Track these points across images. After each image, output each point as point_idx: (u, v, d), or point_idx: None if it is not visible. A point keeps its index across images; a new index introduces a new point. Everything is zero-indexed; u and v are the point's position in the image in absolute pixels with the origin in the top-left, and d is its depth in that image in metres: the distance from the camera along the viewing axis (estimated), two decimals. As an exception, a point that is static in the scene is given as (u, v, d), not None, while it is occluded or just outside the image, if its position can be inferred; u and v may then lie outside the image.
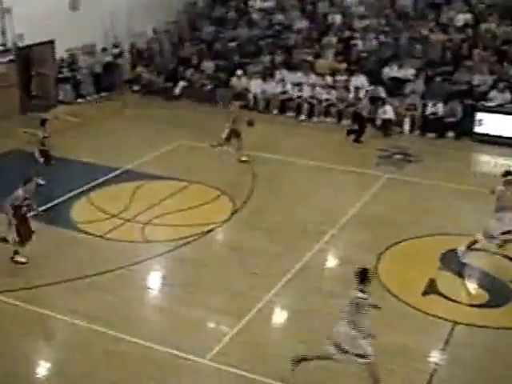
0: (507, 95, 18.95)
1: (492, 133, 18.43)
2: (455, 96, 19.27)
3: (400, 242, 12.61)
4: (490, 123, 18.57)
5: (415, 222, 13.45)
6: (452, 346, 9.74)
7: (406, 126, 19.43)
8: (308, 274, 11.60)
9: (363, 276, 8.12)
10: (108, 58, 23.46)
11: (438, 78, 19.87)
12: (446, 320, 10.26)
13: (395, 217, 13.69)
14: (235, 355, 9.35)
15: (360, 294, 8.05)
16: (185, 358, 9.26)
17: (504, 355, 9.39)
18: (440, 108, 19.10)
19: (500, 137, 18.29)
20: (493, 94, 19.07)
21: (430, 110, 19.21)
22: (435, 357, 9.54)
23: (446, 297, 10.90)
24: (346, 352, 8.13)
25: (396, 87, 20.21)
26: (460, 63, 20.47)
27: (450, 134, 19.01)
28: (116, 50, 23.90)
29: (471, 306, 10.79)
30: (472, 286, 11.46)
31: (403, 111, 19.50)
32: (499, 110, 18.71)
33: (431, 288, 11.11)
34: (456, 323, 10.20)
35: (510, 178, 11.56)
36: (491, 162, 17.62)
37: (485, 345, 9.73)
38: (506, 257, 11.96)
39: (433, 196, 14.84)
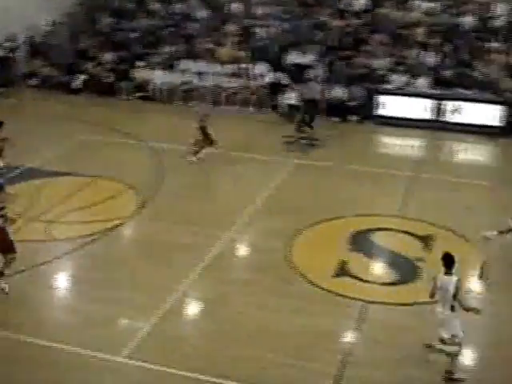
0: (405, 78, 19.50)
1: (393, 115, 18.91)
2: (356, 80, 19.65)
3: (310, 226, 12.73)
4: (390, 105, 19.05)
5: (324, 206, 13.63)
6: (365, 325, 9.92)
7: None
8: (220, 263, 11.53)
9: (448, 260, 8.34)
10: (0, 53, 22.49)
11: (339, 63, 20.19)
12: (358, 300, 10.44)
13: (304, 201, 13.83)
14: (150, 350, 9.17)
15: (456, 278, 8.28)
16: (98, 358, 8.99)
17: (415, 331, 9.61)
18: (342, 92, 19.42)
19: (401, 118, 18.78)
20: (392, 76, 19.59)
21: (332, 94, 19.48)
22: (349, 337, 9.69)
23: (357, 277, 11.08)
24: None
25: (298, 73, 20.36)
26: (359, 48, 20.88)
27: (354, 117, 19.38)
28: (9, 44, 22.89)
29: (382, 284, 11.02)
30: (381, 266, 11.72)
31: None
32: (399, 92, 19.24)
33: (342, 270, 11.27)
34: (368, 302, 10.39)
35: None
36: (394, 144, 18.17)
37: (397, 322, 9.93)
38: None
39: (339, 179, 15.08)
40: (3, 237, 10.49)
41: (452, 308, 8.30)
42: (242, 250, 12.58)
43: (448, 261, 8.38)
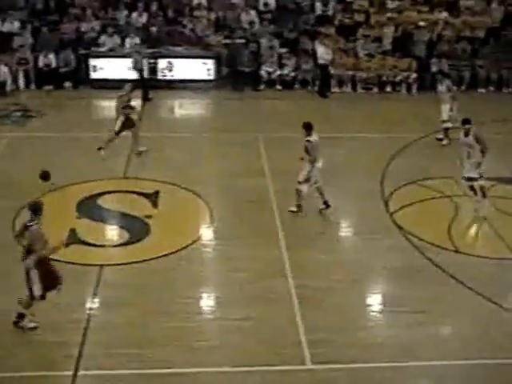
0: (116, 39, 19.39)
1: (108, 77, 18.68)
2: (66, 45, 19.07)
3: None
4: (104, 68, 18.86)
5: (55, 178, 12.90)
6: (103, 288, 9.88)
7: (21, 81, 18.69)
8: None
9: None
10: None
11: (45, 29, 19.39)
12: (94, 265, 10.35)
13: (24, 176, 13.09)
14: None
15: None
16: None
17: (152, 288, 9.84)
18: (52, 59, 18.73)
19: (115, 80, 18.59)
20: (102, 39, 19.34)
21: (42, 62, 18.69)
22: (89, 303, 9.57)
23: (88, 243, 10.95)
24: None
25: (3, 42, 19.16)
26: (66, 12, 20.23)
27: (67, 83, 18.85)
28: None
29: (114, 246, 11.06)
30: (112, 228, 11.71)
31: (15, 66, 18.65)
32: (111, 54, 19.07)
33: (72, 238, 11.02)
34: (103, 266, 10.35)
35: None
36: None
37: (134, 281, 10.04)
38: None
39: (60, 148, 14.59)
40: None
41: None
42: None
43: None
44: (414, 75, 19.82)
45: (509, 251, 11.15)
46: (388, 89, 19.90)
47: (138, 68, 18.09)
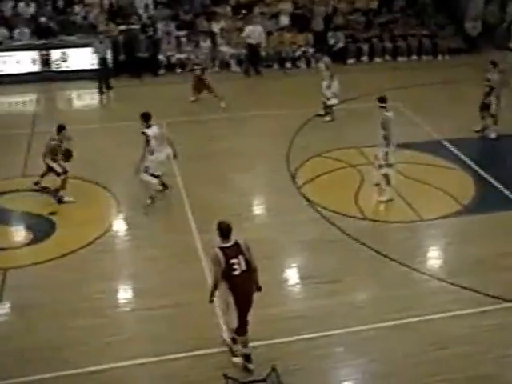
0: (4, 32, 18.56)
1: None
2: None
3: None
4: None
5: None
6: (8, 293, 9.45)
7: None
8: None
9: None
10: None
11: None
12: (-2, 269, 9.89)
13: None
14: None
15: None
16: None
17: (61, 287, 9.50)
18: None
19: (6, 75, 17.89)
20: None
21: None
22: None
23: (-9, 247, 10.48)
24: None
25: None
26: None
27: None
28: None
29: (17, 248, 10.60)
30: (15, 229, 11.23)
31: None
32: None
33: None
34: (7, 270, 9.89)
35: None
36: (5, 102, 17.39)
37: (41, 281, 9.65)
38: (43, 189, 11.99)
39: None
40: None
41: None
42: None
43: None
44: (312, 49, 19.99)
45: (414, 214, 11.43)
46: (288, 65, 20.00)
47: (100, 57, 17.52)
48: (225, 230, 7.49)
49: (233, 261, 7.39)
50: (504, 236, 10.80)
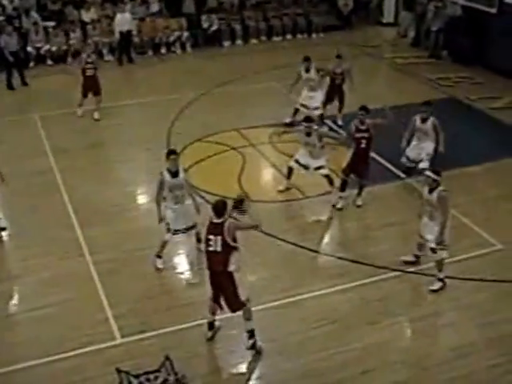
0: None
1: None
2: None
3: None
4: None
5: None
6: None
7: None
8: None
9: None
10: None
11: None
12: None
13: None
14: None
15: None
16: None
17: None
18: None
19: None
20: None
21: None
22: None
23: None
24: None
25: None
26: None
27: None
28: None
29: None
30: None
31: None
32: None
33: None
34: None
35: None
36: None
37: None
38: None
39: None
40: None
41: None
42: None
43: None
44: (186, 34, 19.83)
45: (298, 192, 11.59)
46: (163, 50, 19.73)
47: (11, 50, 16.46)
48: (215, 208, 7.66)
49: (210, 237, 7.59)
50: (385, 208, 11.15)
